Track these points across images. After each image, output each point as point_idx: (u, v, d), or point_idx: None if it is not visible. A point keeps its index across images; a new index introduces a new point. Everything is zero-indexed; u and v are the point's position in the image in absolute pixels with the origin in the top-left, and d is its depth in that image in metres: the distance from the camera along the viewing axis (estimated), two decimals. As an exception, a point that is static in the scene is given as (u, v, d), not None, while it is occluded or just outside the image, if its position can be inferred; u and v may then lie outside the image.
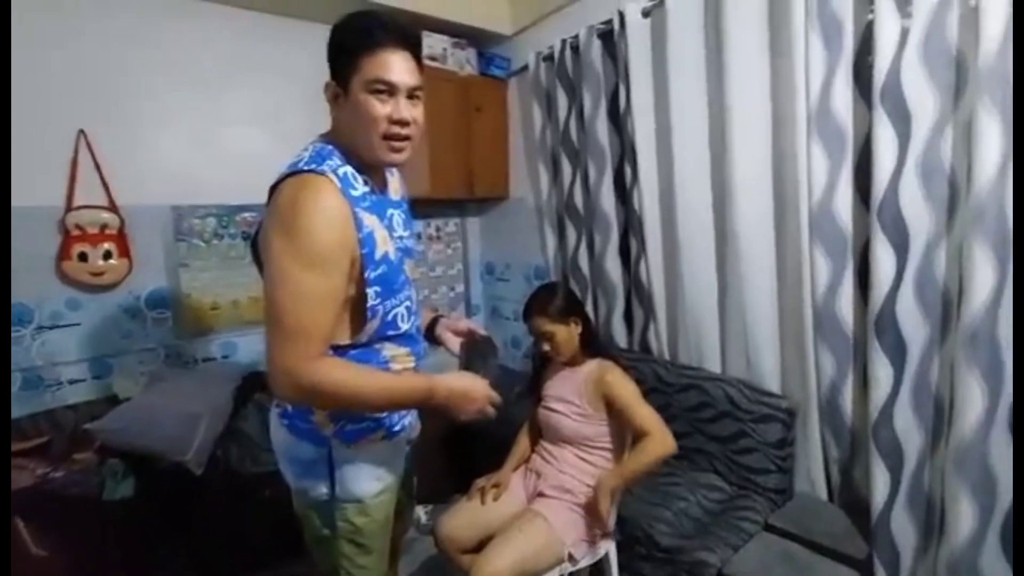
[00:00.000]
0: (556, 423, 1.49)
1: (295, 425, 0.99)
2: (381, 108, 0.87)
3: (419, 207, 2.57)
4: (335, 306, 0.86)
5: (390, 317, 0.96)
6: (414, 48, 0.91)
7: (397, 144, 0.90)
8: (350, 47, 0.88)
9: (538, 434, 1.61)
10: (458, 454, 2.27)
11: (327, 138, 0.94)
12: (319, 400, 0.89)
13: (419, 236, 2.73)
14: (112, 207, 1.83)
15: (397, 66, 0.87)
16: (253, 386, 1.95)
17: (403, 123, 0.89)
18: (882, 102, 1.27)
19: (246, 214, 2.17)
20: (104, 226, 1.81)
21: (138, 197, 1.90)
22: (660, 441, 1.33)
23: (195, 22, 2.01)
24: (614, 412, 1.42)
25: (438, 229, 2.84)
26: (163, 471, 1.66)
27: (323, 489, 0.99)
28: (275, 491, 1.70)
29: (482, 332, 1.18)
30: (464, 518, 1.45)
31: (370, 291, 0.89)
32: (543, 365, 1.60)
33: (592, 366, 1.48)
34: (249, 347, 2.21)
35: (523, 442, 1.62)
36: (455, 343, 1.15)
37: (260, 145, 2.18)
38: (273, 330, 0.82)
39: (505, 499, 1.49)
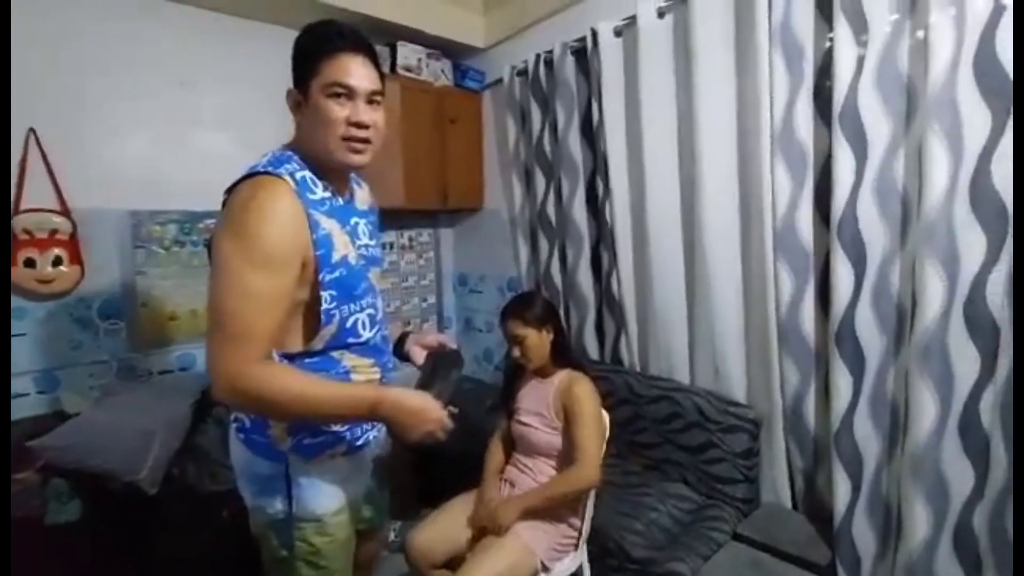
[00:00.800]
0: (529, 436, 1.49)
1: (251, 440, 0.96)
2: (340, 111, 0.88)
3: (392, 217, 2.59)
4: (281, 308, 0.84)
5: (349, 324, 0.93)
6: (372, 53, 0.92)
7: (356, 146, 0.90)
8: (310, 52, 0.89)
9: (511, 446, 1.59)
10: (426, 469, 2.22)
11: (289, 146, 0.94)
12: (259, 405, 0.84)
13: (391, 246, 2.69)
14: (64, 211, 1.74)
15: (355, 70, 0.88)
16: (212, 400, 1.86)
17: (362, 126, 0.89)
18: (840, 125, 1.34)
19: (209, 221, 2.09)
20: (54, 231, 1.72)
21: (94, 200, 1.82)
22: (587, 474, 1.35)
23: (160, 22, 1.95)
24: (567, 421, 1.42)
25: (411, 239, 2.81)
26: (113, 491, 1.56)
27: (280, 507, 0.95)
28: (236, 511, 1.63)
29: (451, 345, 1.14)
30: (435, 532, 1.42)
31: (324, 294, 0.88)
32: (515, 376, 1.60)
33: (562, 376, 1.48)
34: (210, 359, 2.12)
35: (496, 455, 1.60)
36: (422, 356, 1.10)
37: (226, 150, 2.12)
38: (215, 331, 0.80)
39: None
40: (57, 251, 1.72)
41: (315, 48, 0.89)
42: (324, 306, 0.88)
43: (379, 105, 0.93)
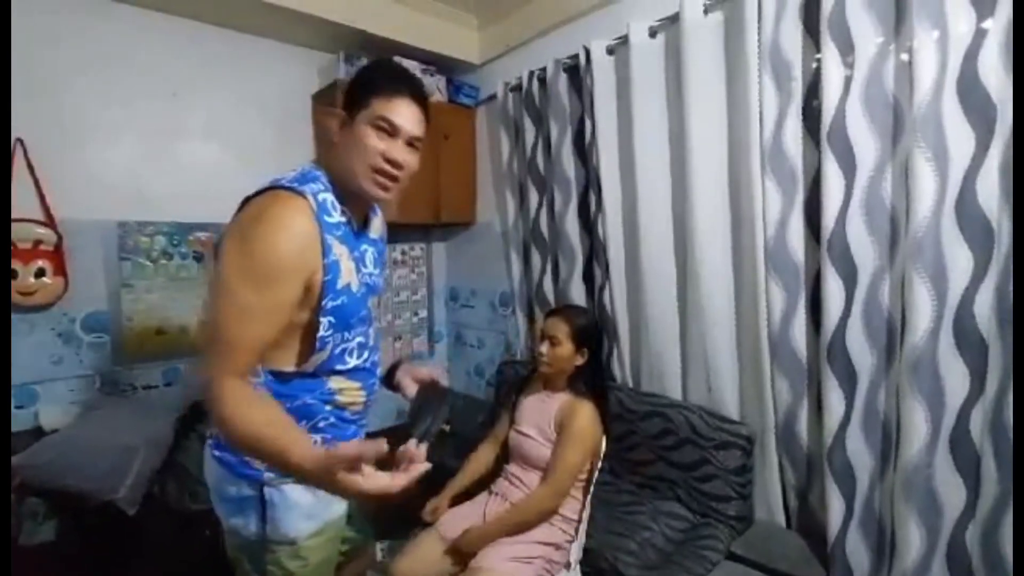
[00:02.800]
0: (526, 448, 1.47)
1: (225, 458, 0.93)
2: (378, 143, 0.89)
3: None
4: (273, 325, 0.82)
5: (338, 351, 0.93)
6: (425, 103, 0.94)
7: (384, 181, 0.91)
8: (368, 86, 0.91)
9: (503, 455, 1.57)
10: (417, 487, 2.18)
11: (317, 164, 0.94)
12: (217, 418, 0.77)
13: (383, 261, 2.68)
14: (49, 221, 1.71)
15: (406, 112, 0.90)
16: (198, 416, 1.83)
17: (396, 164, 0.90)
18: (829, 143, 1.36)
19: (200, 233, 2.07)
20: (38, 241, 1.69)
21: (80, 211, 1.80)
22: (548, 498, 1.35)
23: (150, 33, 1.95)
24: (556, 439, 1.41)
25: (403, 253, 2.80)
26: (90, 511, 1.51)
27: (253, 529, 0.93)
28: (217, 531, 1.59)
29: (442, 381, 1.10)
30: (422, 554, 1.39)
31: (323, 320, 0.87)
32: (524, 383, 1.58)
33: (569, 396, 1.47)
34: (196, 375, 2.08)
35: (478, 461, 1.57)
36: (413, 389, 1.06)
37: (216, 161, 2.12)
38: (208, 337, 0.80)
39: (465, 528, 1.43)
40: (41, 262, 1.69)
41: (374, 84, 0.90)
42: (320, 332, 0.87)
43: (417, 150, 0.94)
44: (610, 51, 1.92)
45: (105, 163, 1.88)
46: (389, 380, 1.12)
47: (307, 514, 0.94)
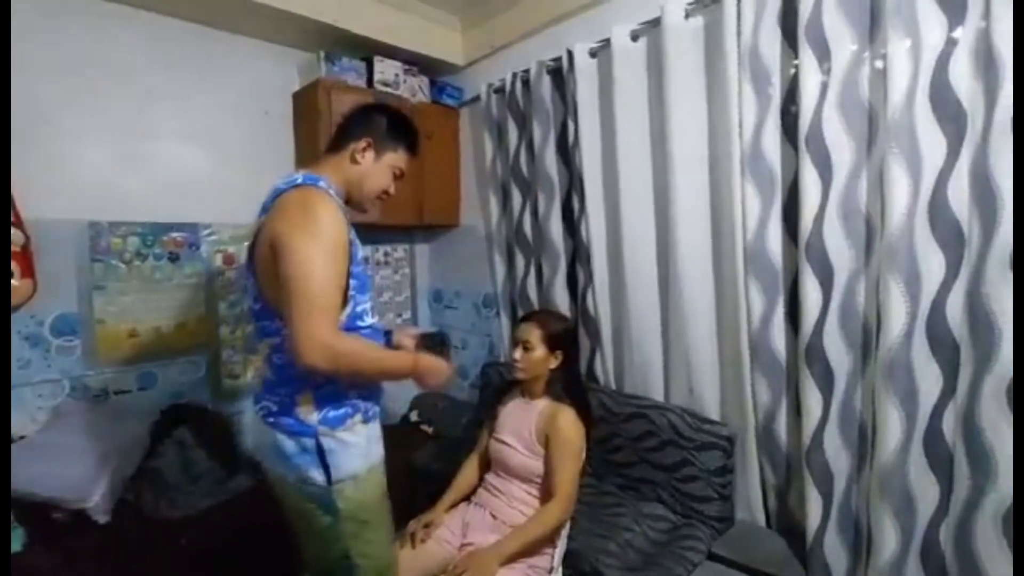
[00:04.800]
0: (506, 457, 1.46)
1: (281, 422, 1.05)
2: (390, 183, 1.21)
3: (368, 233, 2.55)
4: (342, 285, 1.02)
5: (359, 310, 1.09)
6: None
7: (377, 203, 1.22)
8: (404, 139, 1.19)
9: (486, 465, 1.56)
10: (400, 495, 2.16)
11: (321, 173, 1.10)
12: (345, 364, 1.00)
13: (366, 261, 2.63)
14: (16, 221, 1.65)
15: (409, 163, 1.23)
16: (173, 420, 1.79)
17: (390, 196, 1.23)
18: (807, 147, 1.38)
19: (175, 234, 2.03)
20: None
21: (50, 210, 1.74)
22: (560, 511, 1.34)
23: (125, 30, 1.90)
24: (548, 451, 1.40)
25: (386, 255, 2.78)
26: (61, 521, 1.47)
27: (318, 476, 1.04)
28: (193, 538, 1.55)
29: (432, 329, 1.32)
30: (402, 565, 1.36)
31: (352, 281, 1.06)
32: (502, 390, 1.57)
33: (548, 402, 1.46)
34: (171, 377, 2.03)
35: (466, 475, 1.56)
36: (412, 343, 1.29)
37: (194, 161, 2.08)
38: (304, 307, 0.94)
39: (445, 538, 1.42)
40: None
41: (408, 141, 1.20)
42: (350, 291, 1.05)
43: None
44: (593, 54, 1.93)
45: (76, 162, 1.83)
46: (388, 344, 1.29)
47: (360, 454, 1.09)
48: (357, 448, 1.08)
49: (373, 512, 1.12)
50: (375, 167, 1.16)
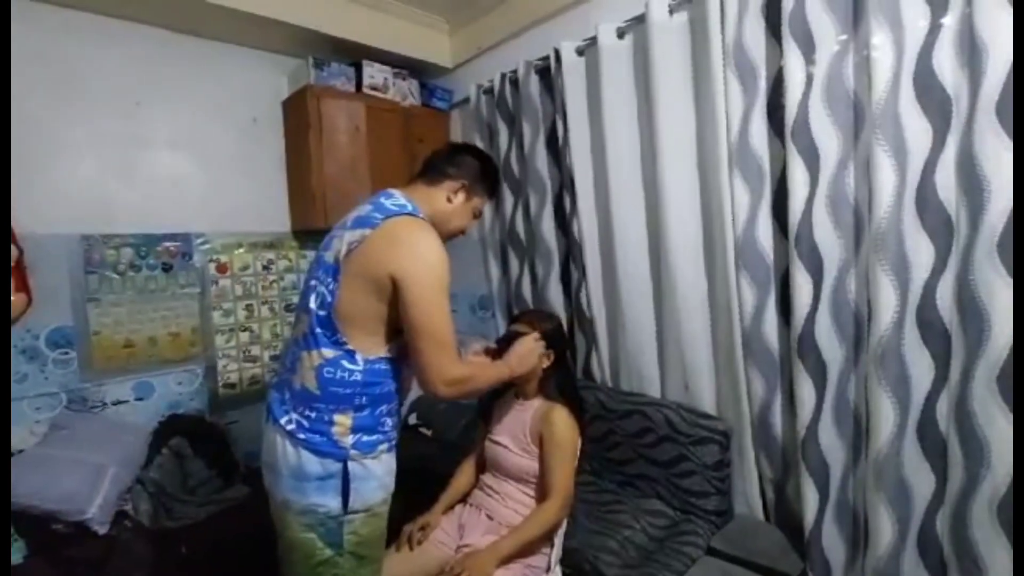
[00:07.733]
0: (501, 458, 1.46)
1: (312, 440, 1.04)
2: (471, 223, 1.28)
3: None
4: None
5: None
6: None
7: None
8: (491, 185, 1.27)
9: (482, 467, 1.56)
10: (397, 498, 2.16)
11: (417, 202, 1.14)
12: (468, 388, 1.10)
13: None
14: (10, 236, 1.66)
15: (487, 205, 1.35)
16: (171, 430, 1.79)
17: (464, 234, 1.30)
18: (793, 139, 1.38)
19: (169, 243, 2.04)
20: (-2, 257, 1.64)
21: (43, 225, 1.75)
22: (556, 510, 1.34)
23: (114, 42, 1.90)
24: (542, 450, 1.40)
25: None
26: (60, 532, 1.47)
27: (334, 503, 1.04)
28: (193, 548, 1.56)
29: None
30: (398, 568, 1.37)
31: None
32: (497, 392, 1.57)
33: (542, 402, 1.46)
34: (167, 387, 2.04)
35: (463, 477, 1.56)
36: (487, 358, 1.37)
37: (185, 170, 2.08)
38: (434, 349, 1.02)
39: (440, 540, 1.42)
40: (1, 279, 1.64)
41: (495, 186, 1.29)
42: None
43: None
44: (580, 52, 1.93)
45: (68, 175, 1.83)
46: None
47: (379, 485, 1.09)
48: (377, 479, 1.09)
49: (374, 548, 1.12)
50: (462, 208, 1.22)
